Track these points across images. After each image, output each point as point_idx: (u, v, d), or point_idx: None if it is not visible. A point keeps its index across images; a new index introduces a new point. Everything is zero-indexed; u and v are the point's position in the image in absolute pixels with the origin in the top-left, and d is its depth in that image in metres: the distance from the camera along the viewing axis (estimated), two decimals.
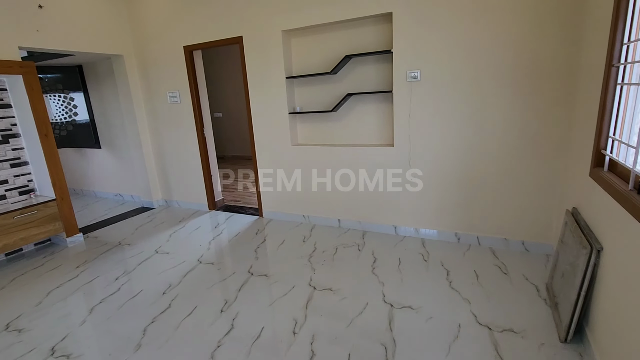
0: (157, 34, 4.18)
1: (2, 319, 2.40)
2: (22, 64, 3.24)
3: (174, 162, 4.61)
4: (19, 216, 3.24)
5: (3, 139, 3.38)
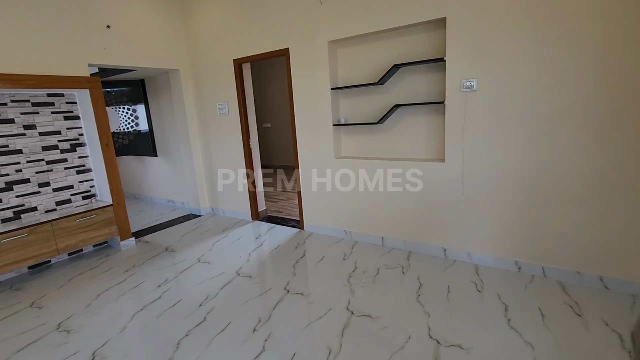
0: (209, 49, 4.35)
1: (57, 318, 2.55)
2: (89, 79, 3.52)
3: (221, 170, 4.72)
4: (80, 219, 3.49)
5: (71, 148, 3.69)
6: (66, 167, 3.67)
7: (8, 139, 3.26)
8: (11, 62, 3.07)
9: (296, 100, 3.76)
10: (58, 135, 3.59)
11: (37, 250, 3.21)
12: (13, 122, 3.28)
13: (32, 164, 3.42)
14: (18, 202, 3.35)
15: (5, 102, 3.23)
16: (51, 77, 3.24)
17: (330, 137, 3.60)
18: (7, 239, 3.02)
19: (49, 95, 3.50)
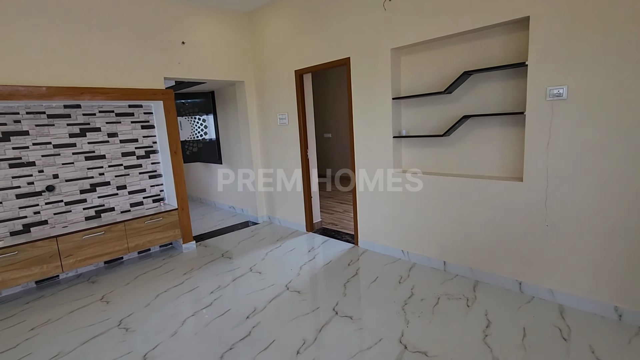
0: (271, 61, 4.45)
1: (120, 314, 2.71)
2: (163, 91, 3.80)
3: (279, 179, 4.76)
4: (149, 221, 3.75)
5: (145, 154, 4.01)
6: (140, 172, 3.99)
7: (95, 145, 3.64)
8: (100, 77, 3.43)
9: (355, 110, 3.63)
10: (135, 142, 3.92)
11: (111, 248, 3.50)
12: (99, 131, 3.66)
13: (113, 169, 3.78)
14: (99, 203, 3.71)
15: (94, 113, 3.62)
16: (132, 90, 3.56)
17: (390, 150, 3.38)
18: (88, 235, 3.34)
19: (130, 106, 3.85)
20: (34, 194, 3.31)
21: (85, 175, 3.60)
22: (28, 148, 3.25)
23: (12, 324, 2.68)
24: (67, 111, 3.45)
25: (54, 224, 3.43)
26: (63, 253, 3.22)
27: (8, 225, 3.19)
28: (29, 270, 3.05)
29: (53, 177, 3.40)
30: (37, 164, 3.31)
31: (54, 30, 3.15)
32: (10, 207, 3.19)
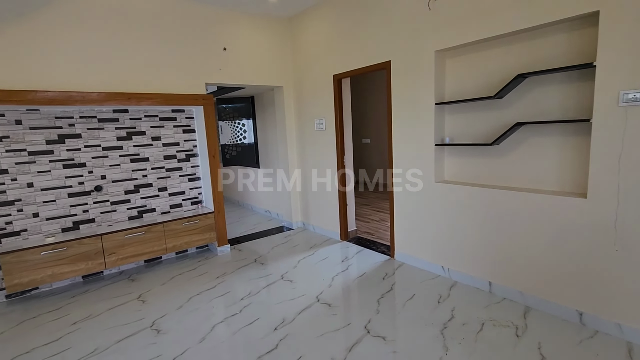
0: (310, 65, 4.40)
1: (153, 315, 2.76)
2: (204, 97, 3.88)
3: (314, 185, 4.69)
4: (186, 223, 3.83)
5: (186, 158, 4.12)
6: (180, 175, 4.10)
7: (139, 149, 3.80)
8: (146, 83, 3.57)
9: (395, 115, 3.46)
10: (177, 146, 4.04)
11: (150, 247, 3.62)
12: (144, 134, 3.82)
13: (155, 171, 3.92)
14: (142, 203, 3.86)
15: (140, 117, 3.78)
16: (175, 95, 3.67)
17: (431, 158, 3.17)
18: (129, 234, 3.48)
19: (172, 111, 3.98)
20: (83, 193, 3.51)
21: (130, 176, 3.76)
22: (80, 150, 3.46)
23: (58, 316, 2.82)
24: (116, 115, 3.63)
25: (100, 222, 3.62)
26: (107, 251, 3.37)
27: (60, 222, 3.40)
28: (76, 265, 3.22)
29: (101, 177, 3.59)
30: (88, 165, 3.51)
31: (105, 41, 3.33)
32: (63, 205, 3.41)
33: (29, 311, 2.94)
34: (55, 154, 3.33)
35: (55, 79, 3.10)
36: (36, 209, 3.27)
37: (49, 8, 3.05)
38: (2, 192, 3.11)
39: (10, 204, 3.15)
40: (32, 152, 3.22)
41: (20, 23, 2.93)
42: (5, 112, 3.08)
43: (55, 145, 3.32)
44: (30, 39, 2.99)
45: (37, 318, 2.82)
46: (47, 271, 3.09)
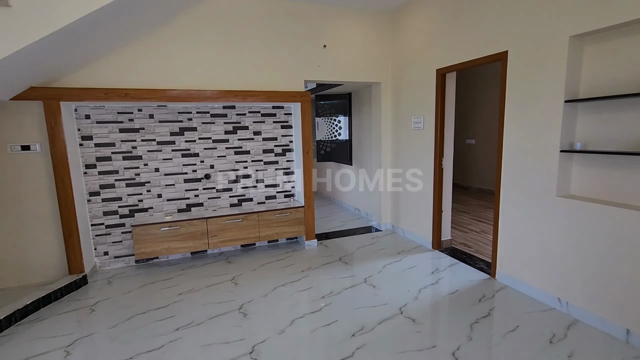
0: (411, 60, 4.12)
1: (242, 299, 2.97)
2: (301, 94, 3.99)
3: (407, 186, 4.42)
4: (278, 215, 4.02)
5: (282, 152, 4.32)
6: (276, 169, 4.32)
7: (242, 142, 4.12)
8: (251, 81, 3.83)
9: (509, 114, 2.98)
10: (275, 141, 4.26)
11: (246, 234, 3.91)
12: (247, 129, 4.12)
13: (254, 163, 4.21)
14: (242, 193, 4.20)
15: (245, 113, 4.09)
16: (275, 93, 3.86)
17: (554, 167, 2.63)
18: (229, 220, 3.82)
19: (273, 107, 4.20)
20: (195, 180, 3.97)
21: (233, 167, 4.12)
22: (195, 142, 3.92)
23: (169, 285, 3.26)
24: (225, 111, 4.00)
25: (207, 207, 4.06)
26: (210, 233, 3.76)
27: (177, 204, 3.93)
28: (186, 243, 3.67)
29: (210, 167, 4.01)
30: (200, 155, 3.96)
31: (217, 45, 3.67)
32: (180, 189, 3.92)
33: (149, 276, 3.48)
34: (176, 144, 3.84)
35: (179, 80, 3.56)
36: (160, 190, 3.84)
37: (177, 20, 3.49)
38: (137, 174, 3.73)
39: (142, 185, 3.76)
40: (159, 142, 3.78)
41: (156, 33, 3.43)
42: (143, 108, 3.67)
43: (176, 136, 3.83)
44: (163, 45, 3.47)
45: (154, 284, 3.31)
46: (165, 245, 3.60)
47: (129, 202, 3.73)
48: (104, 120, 3.55)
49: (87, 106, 3.47)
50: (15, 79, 2.77)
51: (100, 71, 3.29)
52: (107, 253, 3.71)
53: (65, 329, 2.59)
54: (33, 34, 2.30)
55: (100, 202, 3.62)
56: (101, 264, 3.70)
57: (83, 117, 3.48)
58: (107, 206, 3.66)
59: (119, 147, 3.63)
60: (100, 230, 3.66)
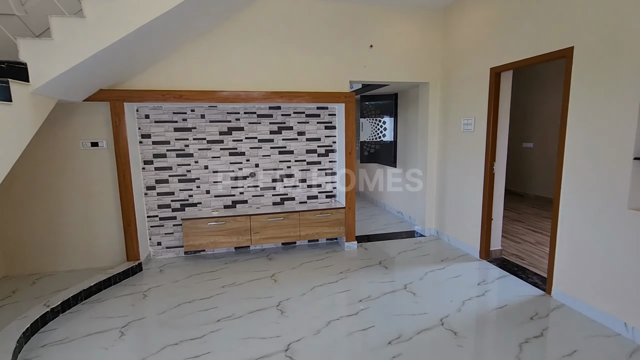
0: (463, 58, 3.91)
1: (281, 296, 3.03)
2: (345, 94, 3.97)
3: (454, 192, 4.21)
4: (319, 215, 4.04)
5: (325, 153, 4.34)
6: (319, 169, 4.35)
7: (287, 142, 4.20)
8: (296, 82, 3.89)
9: (572, 116, 2.71)
10: (318, 141, 4.29)
11: (287, 233, 3.98)
12: (291, 129, 4.19)
13: (298, 163, 4.27)
14: (284, 192, 4.28)
15: (290, 113, 4.17)
16: (319, 93, 3.88)
17: (627, 175, 2.34)
18: (271, 218, 3.91)
19: (317, 108, 4.23)
20: (241, 177, 4.13)
21: (277, 166, 4.21)
22: (242, 141, 4.07)
23: (213, 278, 3.43)
24: (271, 112, 4.10)
25: (250, 204, 4.20)
26: (253, 229, 3.88)
27: (223, 200, 4.11)
28: (230, 238, 3.83)
29: (255, 166, 4.15)
30: (246, 154, 4.10)
31: (264, 47, 3.77)
32: (226, 186, 4.10)
33: (196, 267, 3.68)
34: (224, 143, 4.02)
35: (229, 82, 3.71)
36: (208, 187, 4.05)
37: (226, 24, 3.64)
38: (188, 171, 3.96)
39: (192, 181, 3.99)
40: (209, 141, 3.98)
41: (207, 37, 3.61)
42: (195, 108, 3.89)
43: (225, 136, 4.01)
44: (214, 49, 3.65)
45: (200, 275, 3.49)
46: (211, 239, 3.78)
47: (180, 197, 3.97)
48: (161, 120, 3.82)
49: (147, 107, 3.76)
50: (88, 83, 3.08)
51: (158, 75, 3.54)
52: (160, 243, 3.98)
53: (121, 310, 2.83)
54: (103, 40, 2.55)
55: (155, 195, 3.91)
56: (154, 253, 3.99)
57: (143, 117, 3.77)
58: (162, 200, 3.93)
59: (173, 145, 3.88)
60: (154, 222, 3.94)
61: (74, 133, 3.48)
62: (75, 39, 2.53)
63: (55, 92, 2.78)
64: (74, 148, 3.49)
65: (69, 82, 2.78)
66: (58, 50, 2.52)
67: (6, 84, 2.28)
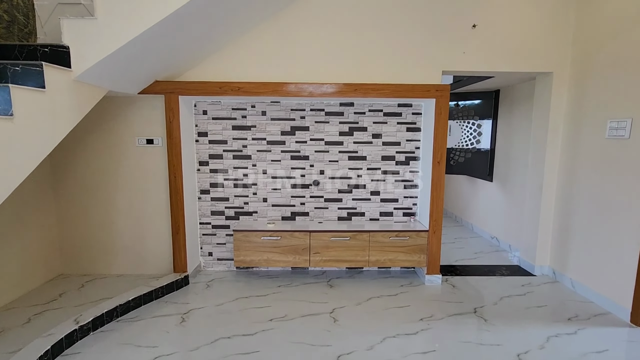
0: (612, 35, 2.77)
1: (341, 347, 2.31)
2: (438, 87, 3.11)
3: (587, 220, 3.04)
4: (394, 238, 3.24)
5: (405, 160, 3.51)
6: (396, 180, 3.54)
7: (359, 146, 3.49)
8: (373, 73, 3.15)
9: None
10: (397, 146, 3.49)
11: (353, 256, 3.26)
12: (365, 130, 3.47)
13: (371, 172, 3.52)
14: (352, 205, 3.57)
15: (364, 112, 3.44)
16: (404, 86, 3.09)
17: None
18: (335, 237, 3.23)
19: (399, 105, 3.44)
20: (303, 186, 3.53)
21: (346, 175, 3.52)
22: (306, 143, 3.47)
23: (263, 305, 2.86)
24: (341, 109, 3.43)
25: (312, 217, 3.57)
26: (313, 249, 3.24)
27: (281, 210, 3.55)
28: (286, 256, 3.24)
29: (320, 173, 3.51)
30: (310, 159, 3.49)
31: (336, 32, 3.10)
32: (286, 195, 3.53)
33: (246, 287, 3.17)
34: (286, 144, 3.46)
35: (293, 73, 3.13)
36: (266, 194, 3.52)
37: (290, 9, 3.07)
38: (245, 175, 3.49)
39: (249, 187, 3.51)
40: (270, 142, 3.46)
41: (269, 23, 3.08)
42: (256, 104, 3.40)
43: (287, 136, 3.45)
44: (277, 36, 3.09)
45: (248, 299, 2.96)
46: (264, 255, 3.24)
47: (235, 203, 3.52)
48: (219, 117, 3.41)
49: (205, 101, 3.38)
50: (140, 72, 2.76)
51: (216, 67, 3.11)
52: (211, 254, 3.58)
53: (153, 338, 2.40)
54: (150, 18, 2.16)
55: (209, 200, 3.51)
56: (205, 264, 3.59)
57: (201, 113, 3.40)
58: (215, 206, 3.52)
59: (230, 145, 3.44)
60: (207, 230, 3.55)
61: (130, 129, 3.23)
62: (120, 17, 2.17)
63: (102, 81, 2.47)
64: (129, 145, 3.25)
65: (116, 69, 2.46)
66: (101, 31, 2.18)
67: (39, 68, 1.97)
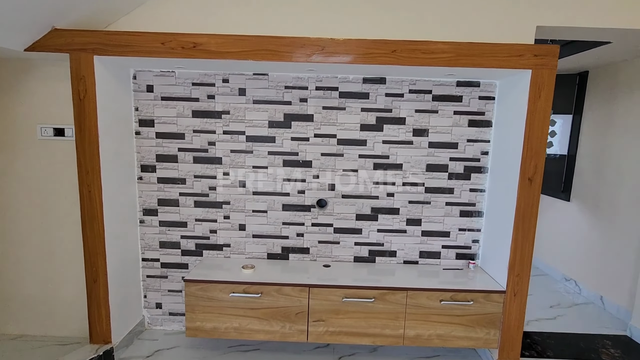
0: None
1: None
2: (538, 50, 1.80)
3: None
4: (447, 302, 1.96)
5: (464, 172, 2.22)
6: (448, 202, 2.25)
7: (391, 147, 2.21)
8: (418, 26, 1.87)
9: None
10: (452, 149, 2.20)
11: (379, 327, 1.99)
12: (403, 124, 2.19)
13: (408, 188, 2.24)
14: (377, 239, 2.29)
15: (402, 93, 2.16)
16: (473, 45, 1.80)
17: None
18: (349, 298, 1.96)
19: (458, 84, 2.15)
20: (302, 207, 2.27)
21: (369, 192, 2.25)
22: (307, 140, 2.21)
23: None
24: (366, 88, 2.16)
25: (315, 257, 2.31)
26: (313, 314, 1.99)
27: (267, 244, 2.30)
28: (269, 324, 1.99)
29: (328, 188, 2.25)
30: (314, 165, 2.23)
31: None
32: (274, 220, 2.28)
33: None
34: (276, 142, 2.21)
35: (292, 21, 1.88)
36: (244, 218, 2.28)
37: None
38: (212, 188, 2.25)
39: (218, 207, 2.26)
40: (250, 137, 2.21)
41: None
42: (229, 76, 2.15)
43: (278, 129, 2.20)
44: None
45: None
46: (234, 321, 2.00)
47: (196, 231, 2.28)
48: (173, 96, 2.17)
49: (150, 71, 2.15)
50: (22, 5, 1.53)
51: (161, 12, 1.88)
52: (159, 306, 2.35)
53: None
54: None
55: (157, 226, 2.28)
56: (150, 321, 2.37)
57: (144, 90, 2.17)
58: (167, 234, 2.29)
59: (189, 140, 2.21)
60: (153, 270, 2.32)
61: (28, 112, 2.03)
62: None
63: None
64: (28, 137, 2.05)
65: None
66: None
67: None
